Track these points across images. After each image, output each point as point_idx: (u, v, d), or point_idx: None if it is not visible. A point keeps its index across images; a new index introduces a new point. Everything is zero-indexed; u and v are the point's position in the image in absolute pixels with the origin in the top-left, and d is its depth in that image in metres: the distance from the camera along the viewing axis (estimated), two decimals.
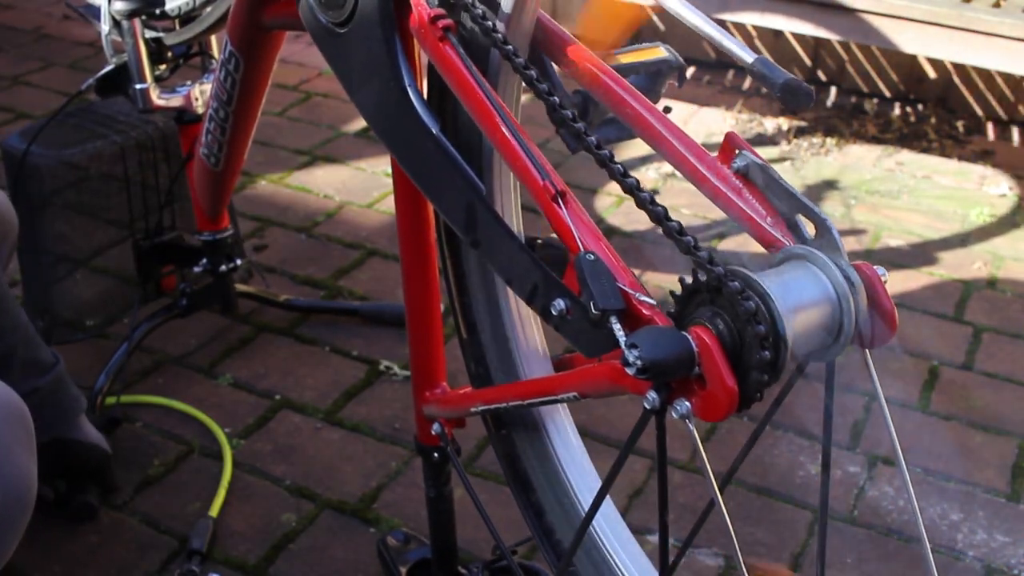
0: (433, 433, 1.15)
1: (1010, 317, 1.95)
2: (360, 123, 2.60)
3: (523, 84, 0.96)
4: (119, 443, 1.57)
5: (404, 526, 1.44)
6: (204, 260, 1.71)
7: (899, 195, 2.36)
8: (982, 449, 1.64)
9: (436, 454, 1.19)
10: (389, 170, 2.43)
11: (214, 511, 1.45)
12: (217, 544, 1.42)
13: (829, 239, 0.72)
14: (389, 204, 2.25)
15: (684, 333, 0.70)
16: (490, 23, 0.85)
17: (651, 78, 0.90)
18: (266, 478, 1.53)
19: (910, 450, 1.63)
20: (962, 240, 2.20)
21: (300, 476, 1.54)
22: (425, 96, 0.95)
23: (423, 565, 1.32)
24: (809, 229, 0.75)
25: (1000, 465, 1.61)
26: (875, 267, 0.72)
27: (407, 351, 1.79)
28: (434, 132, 0.90)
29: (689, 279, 0.72)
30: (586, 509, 1.04)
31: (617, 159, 0.79)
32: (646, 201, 0.75)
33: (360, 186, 2.32)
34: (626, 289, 0.76)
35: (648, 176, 2.38)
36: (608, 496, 0.96)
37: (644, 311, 0.75)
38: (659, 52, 0.91)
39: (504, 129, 0.83)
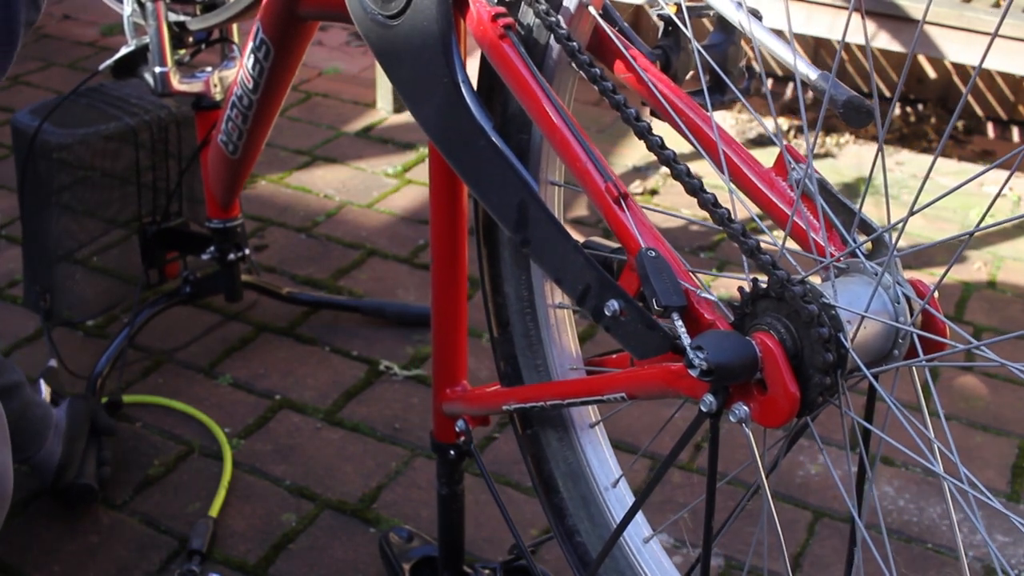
0: (458, 430, 1.14)
1: (1010, 317, 1.95)
2: (360, 123, 2.60)
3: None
4: (119, 443, 1.57)
5: (405, 525, 1.44)
6: (212, 248, 1.70)
7: (899, 195, 2.36)
8: (982, 449, 1.64)
9: (452, 452, 1.18)
10: (389, 170, 2.44)
11: (214, 511, 1.45)
12: (217, 544, 1.42)
13: (886, 254, 0.73)
14: (389, 204, 2.25)
15: (748, 338, 0.70)
16: (554, 19, 0.85)
17: (724, 32, 0.90)
18: (266, 478, 1.53)
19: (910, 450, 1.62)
20: (962, 240, 2.20)
21: (300, 476, 1.53)
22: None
23: (427, 563, 1.32)
24: (862, 240, 0.76)
25: (1000, 465, 1.61)
26: (927, 283, 0.74)
27: (407, 351, 1.81)
28: (487, 130, 0.90)
29: (748, 286, 0.73)
30: (612, 512, 1.05)
31: (618, 158, 0.79)
32: (708, 203, 0.76)
33: (360, 186, 2.32)
34: (688, 287, 0.76)
35: (650, 176, 2.38)
36: (633, 500, 0.96)
37: (706, 315, 0.75)
38: None
39: (564, 130, 0.83)
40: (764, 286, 0.72)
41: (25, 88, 2.72)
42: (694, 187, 0.77)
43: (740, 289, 0.75)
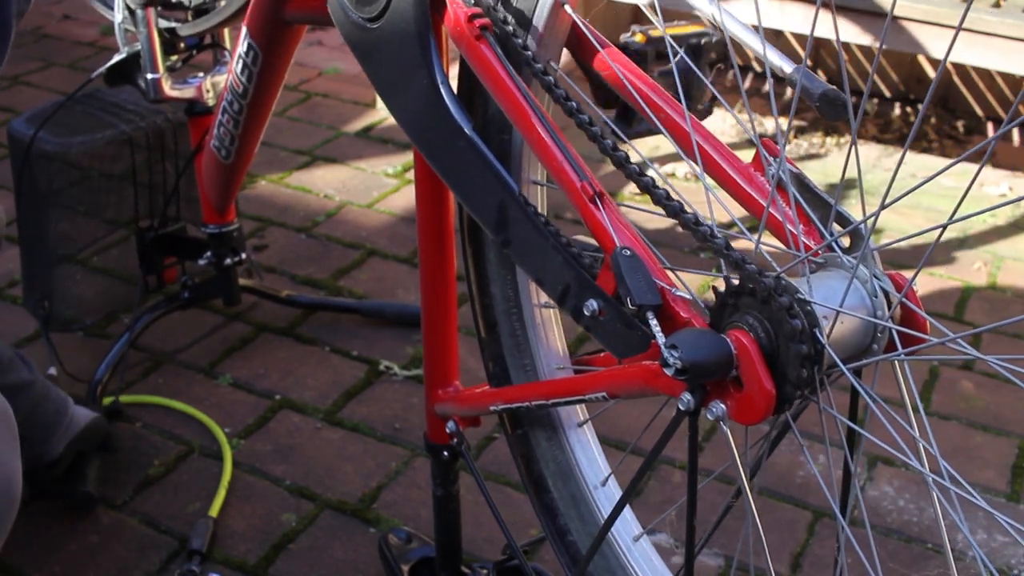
0: (448, 431, 1.15)
1: (1010, 317, 1.95)
2: (360, 123, 2.60)
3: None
4: (119, 443, 1.57)
5: (404, 526, 1.44)
6: (209, 253, 1.71)
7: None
8: (982, 449, 1.64)
9: (446, 453, 1.18)
10: (389, 170, 2.44)
11: (214, 511, 1.45)
12: (217, 544, 1.42)
13: (863, 247, 0.73)
14: (389, 204, 2.25)
15: (723, 336, 0.70)
16: (521, 41, 0.85)
17: (693, 54, 0.90)
18: (266, 478, 1.53)
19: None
20: (962, 240, 2.20)
21: (300, 476, 1.54)
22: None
23: (425, 564, 1.32)
24: (842, 236, 0.76)
25: (1000, 465, 1.61)
26: (906, 276, 0.73)
27: (407, 351, 1.81)
28: (467, 131, 0.90)
29: (723, 285, 0.73)
30: (601, 510, 1.05)
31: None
32: (676, 210, 0.76)
33: (360, 186, 2.32)
34: (663, 285, 0.76)
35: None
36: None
37: (681, 312, 0.75)
38: (701, 26, 0.91)
39: (541, 130, 0.83)
40: (738, 283, 0.72)
41: (25, 88, 2.72)
42: (659, 197, 0.77)
43: (714, 288, 0.75)
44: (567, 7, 0.87)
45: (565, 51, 0.91)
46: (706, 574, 1.40)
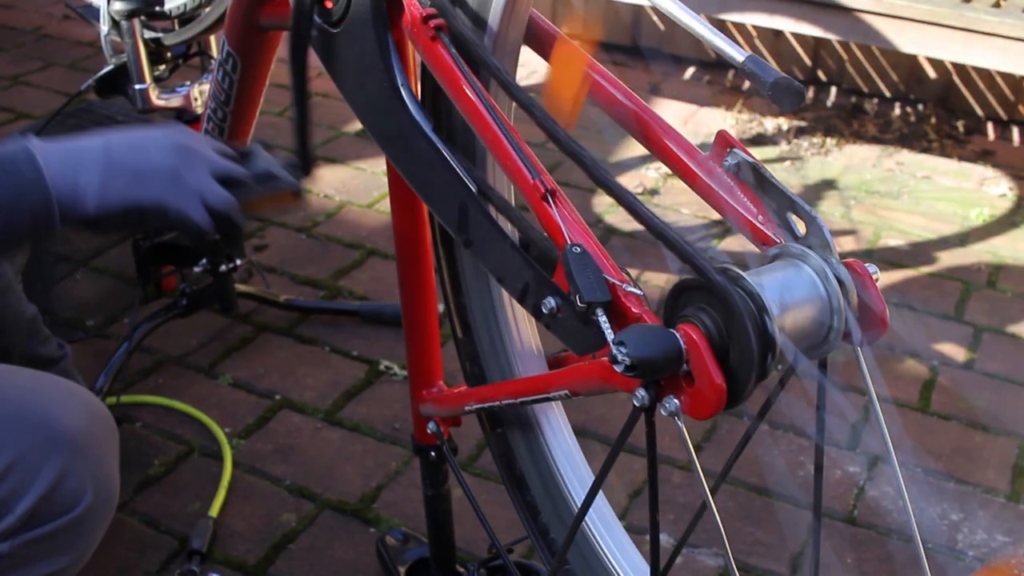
0: (429, 432, 1.15)
1: (1010, 317, 1.95)
2: (360, 123, 2.60)
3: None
4: (119, 443, 1.57)
5: (404, 526, 1.44)
6: (204, 260, 1.71)
7: (899, 195, 2.36)
8: (982, 449, 1.64)
9: (433, 453, 1.19)
10: None
11: (214, 511, 1.45)
12: (217, 544, 1.42)
13: (820, 237, 0.72)
14: (389, 204, 2.25)
15: (672, 331, 0.70)
16: (479, 43, 0.86)
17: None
18: (266, 478, 1.53)
19: (911, 450, 1.62)
20: (962, 240, 2.20)
21: (300, 476, 1.54)
22: (418, 96, 0.95)
23: (422, 564, 1.33)
24: (800, 227, 0.75)
25: (1000, 465, 1.61)
26: (866, 265, 0.72)
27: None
28: (427, 131, 0.90)
29: (678, 277, 0.72)
30: (576, 499, 1.05)
31: (616, 157, 0.79)
32: (626, 195, 0.76)
33: (360, 186, 2.32)
34: (613, 281, 0.75)
35: (648, 176, 2.38)
36: (602, 494, 0.96)
37: (632, 308, 0.75)
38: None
39: (495, 128, 0.83)
40: (690, 277, 0.72)
41: (25, 88, 2.72)
42: (604, 180, 0.76)
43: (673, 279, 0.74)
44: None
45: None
46: (705, 574, 1.40)
